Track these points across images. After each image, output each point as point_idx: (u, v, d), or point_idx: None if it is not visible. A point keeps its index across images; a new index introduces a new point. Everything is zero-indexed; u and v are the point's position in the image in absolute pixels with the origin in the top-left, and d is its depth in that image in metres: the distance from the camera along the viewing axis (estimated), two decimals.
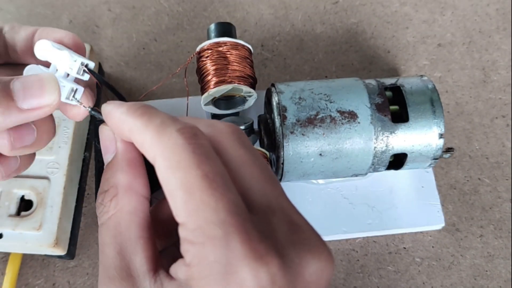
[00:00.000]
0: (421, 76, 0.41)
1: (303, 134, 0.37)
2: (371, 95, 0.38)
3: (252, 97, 0.41)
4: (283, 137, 0.37)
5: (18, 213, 0.39)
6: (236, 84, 0.39)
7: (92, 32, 0.52)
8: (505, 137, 0.48)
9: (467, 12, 0.54)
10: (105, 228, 0.25)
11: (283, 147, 0.37)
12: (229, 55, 0.39)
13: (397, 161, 0.40)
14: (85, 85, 0.29)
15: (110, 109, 0.25)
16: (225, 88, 0.39)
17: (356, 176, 0.40)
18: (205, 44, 0.40)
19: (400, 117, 0.39)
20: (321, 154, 0.38)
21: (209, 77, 0.39)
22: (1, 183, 0.39)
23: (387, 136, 0.38)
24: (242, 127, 0.39)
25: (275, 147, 0.39)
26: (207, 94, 0.39)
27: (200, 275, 0.21)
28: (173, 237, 0.25)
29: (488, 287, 0.42)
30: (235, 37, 0.41)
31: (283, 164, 0.38)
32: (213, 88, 0.39)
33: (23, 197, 0.39)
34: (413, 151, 0.39)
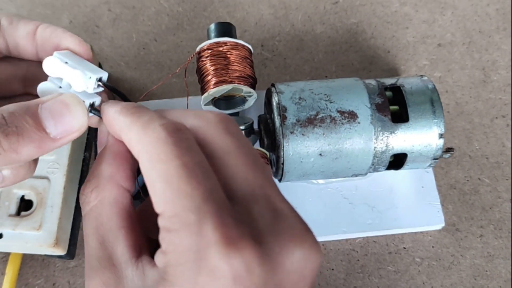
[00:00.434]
0: (421, 76, 0.41)
1: (303, 134, 0.37)
2: (371, 95, 0.38)
3: (252, 97, 0.41)
4: (283, 137, 0.37)
5: (18, 213, 0.39)
6: (236, 84, 0.39)
7: (92, 32, 0.52)
8: (505, 137, 0.48)
9: (467, 12, 0.54)
10: (87, 219, 0.25)
11: (283, 147, 0.37)
12: (229, 55, 0.39)
13: (397, 161, 0.40)
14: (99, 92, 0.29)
15: (106, 108, 0.26)
16: (225, 88, 0.39)
17: (356, 176, 0.40)
18: (205, 44, 0.40)
19: (400, 117, 0.39)
20: (321, 154, 0.38)
21: (209, 77, 0.39)
22: None
23: (387, 136, 0.38)
24: (242, 127, 0.39)
25: (275, 147, 0.39)
26: (207, 94, 0.39)
27: (175, 262, 0.21)
28: None
29: (488, 287, 0.42)
30: (235, 37, 0.41)
31: (283, 164, 0.38)
32: (213, 88, 0.39)
33: (23, 197, 0.39)
34: (413, 151, 0.39)
